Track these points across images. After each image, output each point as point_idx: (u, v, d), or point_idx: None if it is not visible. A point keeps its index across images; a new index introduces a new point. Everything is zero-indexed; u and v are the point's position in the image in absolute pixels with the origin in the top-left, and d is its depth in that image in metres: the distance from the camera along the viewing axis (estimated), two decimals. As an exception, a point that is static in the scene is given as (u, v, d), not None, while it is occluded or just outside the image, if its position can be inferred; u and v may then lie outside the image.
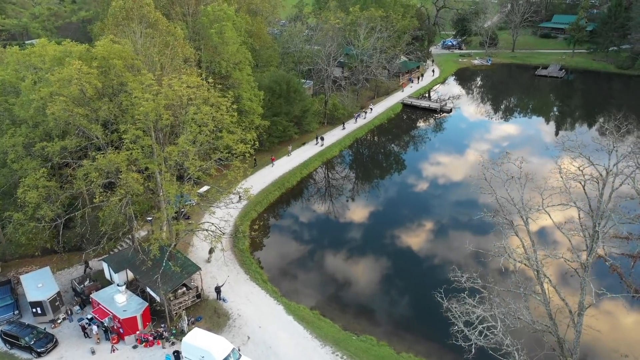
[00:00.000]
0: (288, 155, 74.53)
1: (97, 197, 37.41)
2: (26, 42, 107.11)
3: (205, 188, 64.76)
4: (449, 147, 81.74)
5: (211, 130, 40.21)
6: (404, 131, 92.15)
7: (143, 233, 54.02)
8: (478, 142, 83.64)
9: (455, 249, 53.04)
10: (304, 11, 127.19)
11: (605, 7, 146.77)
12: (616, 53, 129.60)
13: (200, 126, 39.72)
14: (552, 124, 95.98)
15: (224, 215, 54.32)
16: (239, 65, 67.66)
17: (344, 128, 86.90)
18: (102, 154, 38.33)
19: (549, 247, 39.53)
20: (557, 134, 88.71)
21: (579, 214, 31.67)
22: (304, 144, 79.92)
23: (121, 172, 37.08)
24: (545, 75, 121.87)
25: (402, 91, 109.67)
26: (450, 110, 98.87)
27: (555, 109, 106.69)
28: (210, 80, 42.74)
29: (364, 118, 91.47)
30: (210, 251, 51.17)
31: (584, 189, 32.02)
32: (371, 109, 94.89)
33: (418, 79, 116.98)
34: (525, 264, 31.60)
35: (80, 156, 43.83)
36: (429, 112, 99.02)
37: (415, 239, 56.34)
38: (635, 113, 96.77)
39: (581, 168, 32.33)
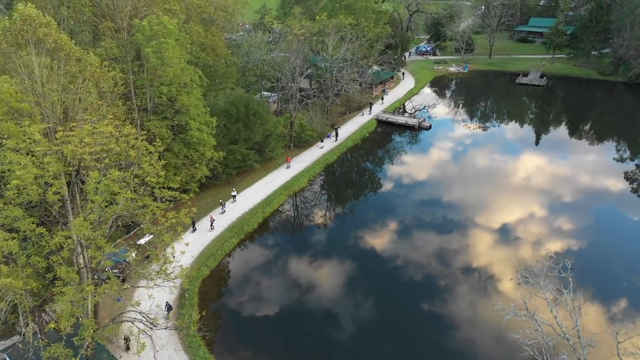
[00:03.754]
0: (233, 202, 62.63)
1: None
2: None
3: (147, 238, 54.07)
4: (439, 186, 69.64)
5: (129, 199, 29.53)
6: (381, 155, 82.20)
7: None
8: (473, 184, 70.85)
9: None
10: (266, 18, 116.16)
11: (582, 10, 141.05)
12: (598, 58, 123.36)
13: (113, 195, 29.06)
14: (561, 161, 77.45)
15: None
16: (186, 88, 56.87)
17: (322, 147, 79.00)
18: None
19: None
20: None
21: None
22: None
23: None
24: (527, 84, 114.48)
25: (382, 101, 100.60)
26: (429, 127, 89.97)
27: (553, 131, 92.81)
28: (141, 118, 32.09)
29: (335, 140, 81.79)
30: (126, 340, 40.13)
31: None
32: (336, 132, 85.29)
33: (399, 81, 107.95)
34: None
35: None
36: (406, 128, 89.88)
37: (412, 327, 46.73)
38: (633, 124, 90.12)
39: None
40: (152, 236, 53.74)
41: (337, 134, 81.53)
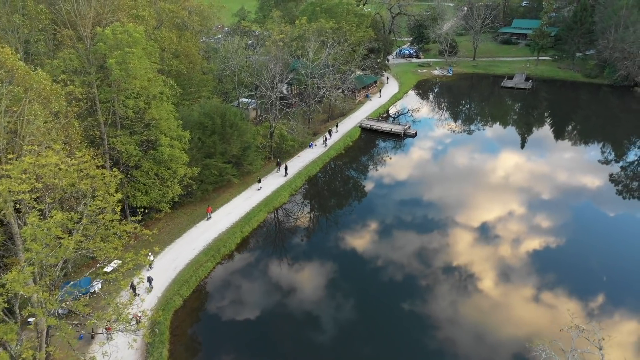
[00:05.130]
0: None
1: None
2: None
3: (113, 264, 49.77)
4: (429, 201, 66.90)
5: (80, 241, 25.45)
6: (366, 166, 78.53)
7: None
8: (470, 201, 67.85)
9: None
10: (243, 22, 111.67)
11: (565, 11, 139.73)
12: (582, 61, 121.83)
13: (58, 239, 24.92)
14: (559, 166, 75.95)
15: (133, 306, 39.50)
16: (155, 100, 52.67)
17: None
18: None
19: None
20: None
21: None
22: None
23: None
24: (512, 87, 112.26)
25: (371, 98, 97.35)
26: (415, 134, 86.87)
27: (542, 136, 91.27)
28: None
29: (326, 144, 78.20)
30: None
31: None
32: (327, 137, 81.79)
33: (380, 91, 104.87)
34: None
35: None
36: (391, 136, 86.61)
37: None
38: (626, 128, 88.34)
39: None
40: (119, 262, 49.71)
41: (286, 168, 70.27)
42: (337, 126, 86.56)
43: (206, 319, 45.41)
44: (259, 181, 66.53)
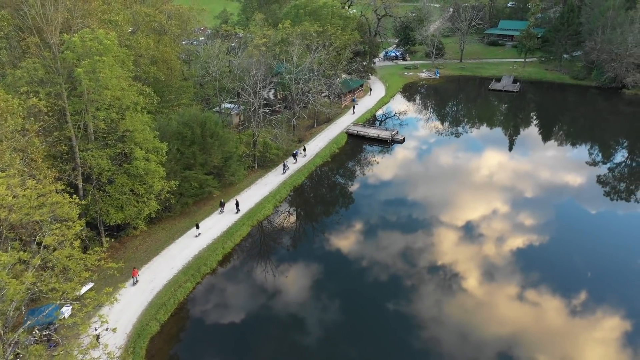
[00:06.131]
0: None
1: None
2: None
3: (88, 287, 46.61)
4: (422, 215, 64.58)
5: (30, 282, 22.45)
6: (353, 174, 75.79)
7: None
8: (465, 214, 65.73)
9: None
10: (224, 27, 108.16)
11: (551, 12, 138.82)
12: (570, 62, 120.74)
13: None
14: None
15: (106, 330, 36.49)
16: (129, 111, 49.56)
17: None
18: None
19: None
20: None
21: None
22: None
23: None
24: (500, 90, 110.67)
25: (354, 111, 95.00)
26: (403, 140, 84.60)
27: (535, 140, 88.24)
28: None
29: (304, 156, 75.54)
30: None
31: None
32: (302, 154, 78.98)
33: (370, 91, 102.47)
34: None
35: None
36: (378, 142, 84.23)
37: None
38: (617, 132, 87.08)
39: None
40: (93, 285, 46.58)
41: (237, 204, 60.69)
42: (304, 149, 76.24)
43: (185, 347, 42.37)
44: (197, 227, 55.57)
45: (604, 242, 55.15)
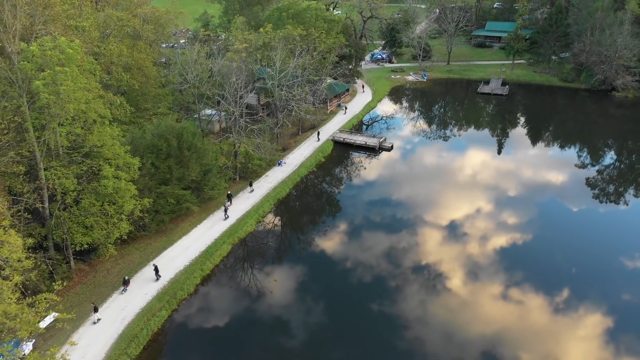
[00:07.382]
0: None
1: None
2: None
3: (51, 317, 42.81)
4: (415, 230, 61.68)
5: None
6: (340, 184, 72.24)
7: None
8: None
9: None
10: (202, 31, 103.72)
11: (538, 13, 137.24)
12: (559, 64, 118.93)
13: None
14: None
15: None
16: (96, 125, 45.68)
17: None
18: None
19: None
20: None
21: None
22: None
23: None
24: (489, 93, 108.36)
25: (345, 111, 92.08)
26: (391, 147, 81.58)
27: (527, 146, 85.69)
28: None
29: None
30: None
31: None
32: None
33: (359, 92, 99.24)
34: None
35: None
36: (365, 150, 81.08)
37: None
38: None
39: None
40: (56, 315, 42.64)
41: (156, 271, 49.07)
42: (251, 185, 65.87)
43: (158, 384, 38.78)
44: (95, 310, 43.34)
45: (587, 241, 55.91)
